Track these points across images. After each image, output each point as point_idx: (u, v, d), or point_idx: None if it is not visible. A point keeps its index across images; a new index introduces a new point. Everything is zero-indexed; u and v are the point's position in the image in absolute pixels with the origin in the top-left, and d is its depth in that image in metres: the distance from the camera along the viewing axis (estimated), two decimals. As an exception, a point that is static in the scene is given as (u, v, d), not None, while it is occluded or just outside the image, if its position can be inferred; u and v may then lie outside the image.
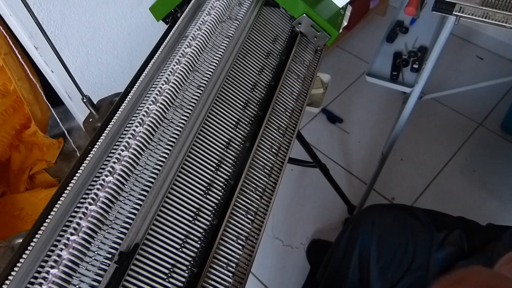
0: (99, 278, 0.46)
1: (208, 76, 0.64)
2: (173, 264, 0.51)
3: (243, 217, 0.59)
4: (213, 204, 0.57)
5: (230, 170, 0.61)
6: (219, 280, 0.54)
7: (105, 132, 0.58)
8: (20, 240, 0.49)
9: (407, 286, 0.76)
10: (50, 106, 1.27)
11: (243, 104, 0.67)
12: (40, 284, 0.44)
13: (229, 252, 0.56)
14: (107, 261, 0.48)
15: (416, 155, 1.54)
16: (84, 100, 0.71)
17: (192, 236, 0.54)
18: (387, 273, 0.78)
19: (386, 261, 0.78)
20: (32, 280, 0.46)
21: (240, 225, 0.58)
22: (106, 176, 0.51)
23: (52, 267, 0.45)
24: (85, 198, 0.52)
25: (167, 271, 0.50)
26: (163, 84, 0.60)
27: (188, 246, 0.53)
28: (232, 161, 0.62)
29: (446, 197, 1.42)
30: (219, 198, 0.58)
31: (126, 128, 0.59)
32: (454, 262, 0.75)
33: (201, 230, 0.55)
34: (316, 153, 1.10)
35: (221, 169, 0.60)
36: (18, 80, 1.22)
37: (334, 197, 1.35)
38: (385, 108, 1.70)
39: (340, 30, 0.81)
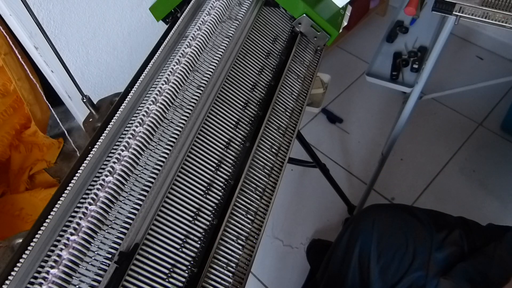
0: (99, 278, 0.46)
1: (208, 76, 0.64)
2: (173, 264, 0.51)
3: (243, 217, 0.59)
4: (213, 204, 0.57)
5: (230, 170, 0.61)
6: (219, 280, 0.54)
7: (105, 132, 0.58)
8: (20, 240, 0.49)
9: (407, 286, 0.76)
10: (50, 106, 1.27)
11: (243, 104, 0.67)
12: (40, 284, 0.44)
13: (229, 252, 0.56)
14: (107, 261, 0.48)
15: (416, 155, 1.54)
16: (84, 100, 0.71)
17: (192, 236, 0.54)
18: (387, 273, 0.78)
19: (386, 261, 0.78)
20: (32, 280, 0.46)
21: (240, 225, 0.58)
22: (106, 176, 0.51)
23: (52, 267, 0.45)
24: (85, 198, 0.52)
25: (167, 271, 0.50)
26: (163, 84, 0.60)
27: (188, 246, 0.53)
28: (232, 161, 0.62)
29: (446, 197, 1.42)
30: (219, 198, 0.58)
31: (126, 128, 0.59)
32: (454, 262, 0.75)
33: (201, 230, 0.55)
34: (316, 153, 1.10)
35: (221, 169, 0.60)
36: (18, 80, 1.22)
37: (334, 197, 1.35)
38: (385, 108, 1.70)
39: (340, 30, 0.81)
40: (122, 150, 0.54)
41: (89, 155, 0.56)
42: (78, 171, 0.54)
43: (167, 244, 0.52)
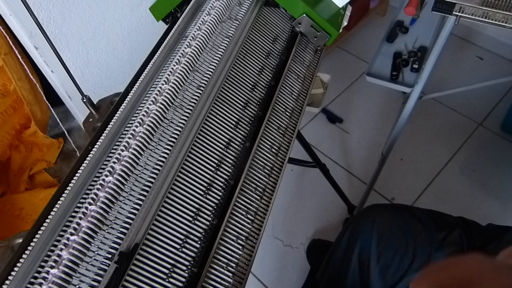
0: (99, 278, 0.46)
1: (208, 76, 0.64)
2: (173, 264, 0.51)
3: (243, 217, 0.59)
4: (213, 204, 0.57)
5: (230, 170, 0.61)
6: (219, 280, 0.54)
7: (105, 132, 0.58)
8: (20, 240, 0.49)
9: (407, 286, 0.76)
10: (50, 106, 1.27)
11: (243, 104, 0.67)
12: (40, 284, 0.44)
13: (229, 252, 0.56)
14: (107, 261, 0.48)
15: (416, 155, 1.54)
16: (84, 100, 0.71)
17: (192, 236, 0.54)
18: (387, 273, 0.78)
19: (386, 261, 0.78)
20: (32, 280, 0.46)
21: (240, 225, 0.58)
22: (106, 176, 0.51)
23: (52, 267, 0.45)
24: (85, 198, 0.52)
25: (167, 271, 0.50)
26: (163, 84, 0.60)
27: (188, 246, 0.53)
28: (232, 161, 0.62)
29: (446, 197, 1.42)
30: (219, 198, 0.58)
31: (126, 128, 0.59)
32: (454, 262, 0.75)
33: (201, 230, 0.55)
34: (316, 153, 1.10)
35: (221, 169, 0.60)
36: (18, 80, 1.22)
37: (334, 197, 1.35)
38: (385, 108, 1.70)
39: (340, 30, 0.81)
40: (122, 150, 0.54)
41: (89, 155, 0.56)
42: (78, 171, 0.54)
43: (167, 244, 0.52)
